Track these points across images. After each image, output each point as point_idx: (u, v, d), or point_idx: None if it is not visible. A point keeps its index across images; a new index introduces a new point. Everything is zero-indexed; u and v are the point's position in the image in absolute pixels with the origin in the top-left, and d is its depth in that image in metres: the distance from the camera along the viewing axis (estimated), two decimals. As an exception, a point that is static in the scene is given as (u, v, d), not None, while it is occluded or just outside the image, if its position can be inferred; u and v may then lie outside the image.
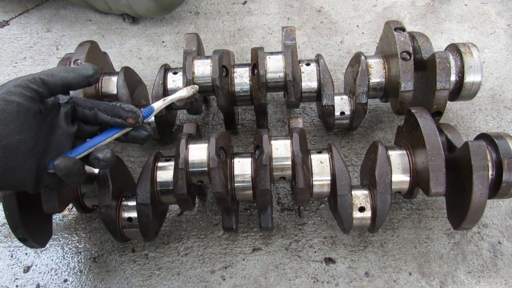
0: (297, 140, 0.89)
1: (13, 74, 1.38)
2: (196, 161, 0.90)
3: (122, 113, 0.78)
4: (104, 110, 0.78)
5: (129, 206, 0.95)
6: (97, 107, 0.78)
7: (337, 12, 1.48)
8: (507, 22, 1.42)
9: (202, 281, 1.02)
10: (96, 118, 0.78)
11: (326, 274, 1.02)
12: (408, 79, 0.99)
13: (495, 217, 1.07)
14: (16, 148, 0.67)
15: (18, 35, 1.48)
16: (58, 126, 0.74)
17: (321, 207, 1.10)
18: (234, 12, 1.50)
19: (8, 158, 0.66)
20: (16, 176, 0.68)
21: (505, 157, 0.83)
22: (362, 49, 1.37)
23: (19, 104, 0.67)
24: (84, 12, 1.52)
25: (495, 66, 1.32)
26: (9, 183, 0.68)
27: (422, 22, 1.43)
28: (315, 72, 1.07)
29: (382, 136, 1.21)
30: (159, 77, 1.08)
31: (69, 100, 0.77)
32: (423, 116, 0.88)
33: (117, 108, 0.78)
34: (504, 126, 1.21)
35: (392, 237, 1.05)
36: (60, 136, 0.75)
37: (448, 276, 1.00)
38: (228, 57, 1.08)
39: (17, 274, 1.05)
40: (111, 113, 0.78)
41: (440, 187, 0.81)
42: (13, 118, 0.66)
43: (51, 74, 0.72)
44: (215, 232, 1.08)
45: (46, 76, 0.71)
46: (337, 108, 1.08)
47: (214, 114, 1.28)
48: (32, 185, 0.72)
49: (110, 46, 1.43)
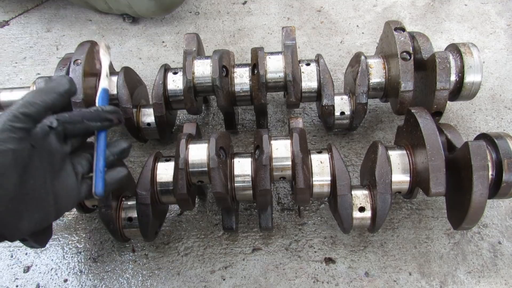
0: (297, 140, 0.89)
1: (13, 74, 1.38)
2: (196, 161, 0.90)
3: (108, 116, 0.78)
4: (92, 119, 0.77)
5: (129, 206, 0.95)
6: (84, 118, 0.76)
7: (337, 12, 1.48)
8: (507, 22, 1.42)
9: (202, 281, 1.02)
10: (87, 129, 0.77)
11: (326, 274, 1.02)
12: (408, 79, 0.99)
13: (495, 217, 1.07)
14: (26, 194, 0.65)
15: (18, 35, 1.48)
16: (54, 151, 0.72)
17: (321, 207, 1.10)
18: (234, 12, 1.50)
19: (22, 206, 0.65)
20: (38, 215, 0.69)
21: (505, 157, 0.83)
22: (362, 49, 1.37)
23: (14, 151, 0.63)
24: (84, 12, 1.52)
25: (495, 66, 1.32)
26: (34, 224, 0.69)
27: (422, 22, 1.43)
28: (315, 72, 1.07)
29: (382, 136, 1.21)
30: (159, 77, 1.08)
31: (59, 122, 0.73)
32: (423, 116, 0.88)
33: (102, 113, 0.78)
34: (504, 126, 1.21)
35: (392, 237, 1.05)
36: (59, 161, 0.73)
37: (448, 276, 1.00)
38: (228, 57, 1.08)
39: (17, 274, 1.05)
40: (99, 119, 0.78)
41: (440, 187, 0.81)
42: (12, 168, 0.63)
43: (30, 103, 0.67)
44: (215, 232, 1.08)
45: (26, 107, 0.66)
46: (337, 108, 1.08)
47: (214, 114, 1.28)
48: (54, 215, 0.72)
49: (110, 46, 1.43)
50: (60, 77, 0.76)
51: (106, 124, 0.79)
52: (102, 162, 0.79)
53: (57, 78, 0.79)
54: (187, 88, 1.04)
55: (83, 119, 0.76)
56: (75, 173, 0.76)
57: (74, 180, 0.75)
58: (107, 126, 0.79)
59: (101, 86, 0.86)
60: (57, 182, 0.72)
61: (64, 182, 0.73)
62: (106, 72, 0.89)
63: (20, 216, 0.66)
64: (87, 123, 0.76)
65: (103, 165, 0.79)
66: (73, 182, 0.75)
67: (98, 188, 0.77)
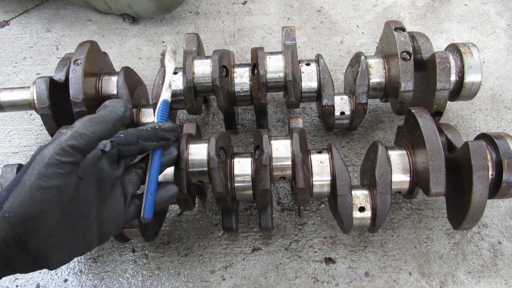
0: (297, 140, 0.89)
1: (13, 74, 1.38)
2: (196, 161, 0.90)
3: (166, 135, 0.73)
4: (148, 139, 0.71)
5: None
6: (140, 138, 0.70)
7: (337, 12, 1.48)
8: (507, 22, 1.42)
9: (202, 281, 1.02)
10: (143, 150, 0.72)
11: (326, 274, 1.02)
12: (408, 79, 0.99)
13: (495, 217, 1.07)
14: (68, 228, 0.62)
15: (18, 35, 1.48)
16: (104, 177, 0.66)
17: (321, 207, 1.10)
18: (234, 12, 1.50)
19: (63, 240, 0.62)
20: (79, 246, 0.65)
21: (505, 157, 0.83)
22: (362, 49, 1.37)
23: (58, 188, 0.58)
24: (84, 12, 1.52)
25: (495, 66, 1.32)
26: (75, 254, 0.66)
27: (422, 22, 1.43)
28: (315, 72, 1.07)
29: (382, 136, 1.21)
30: (159, 77, 1.07)
31: (112, 145, 0.68)
32: (423, 116, 0.88)
33: (160, 131, 0.73)
34: (504, 126, 1.21)
35: (392, 237, 1.05)
36: (109, 186, 0.67)
37: (448, 276, 1.00)
38: (228, 57, 1.08)
39: (17, 274, 1.04)
40: (156, 139, 0.72)
41: (440, 187, 0.81)
42: (56, 205, 0.58)
43: (80, 134, 0.61)
44: (215, 232, 1.08)
45: (75, 139, 0.60)
46: (337, 108, 1.08)
47: (214, 114, 1.28)
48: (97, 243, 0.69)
49: (110, 46, 1.43)
50: (115, 102, 0.70)
51: (163, 144, 0.73)
52: (155, 184, 0.72)
53: (111, 103, 0.69)
54: (187, 88, 1.04)
55: (138, 139, 0.70)
56: (124, 194, 0.71)
57: (122, 204, 0.70)
58: (164, 146, 0.74)
59: (162, 97, 0.77)
60: (104, 208, 0.67)
61: (111, 208, 0.68)
62: (169, 81, 0.79)
63: (62, 249, 0.62)
64: (142, 143, 0.71)
65: (155, 188, 0.72)
66: (121, 207, 0.70)
67: (147, 213, 0.71)
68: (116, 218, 0.69)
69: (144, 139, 0.71)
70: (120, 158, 0.70)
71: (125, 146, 0.69)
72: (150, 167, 0.73)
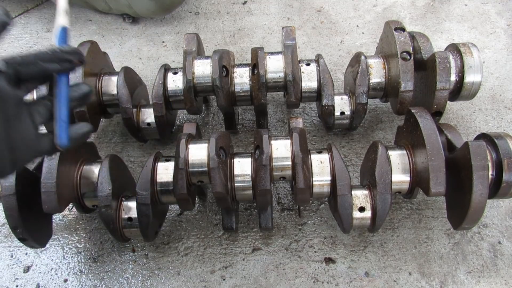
0: (297, 140, 0.89)
1: (13, 74, 1.38)
2: (196, 161, 0.90)
3: (67, 57, 0.71)
4: (48, 60, 0.69)
5: (129, 206, 0.95)
6: (39, 59, 0.68)
7: (337, 12, 1.48)
8: (507, 22, 1.42)
9: (202, 281, 1.02)
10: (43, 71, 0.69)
11: (326, 274, 1.02)
12: (408, 79, 0.99)
13: (495, 217, 1.07)
14: None
15: (18, 35, 1.48)
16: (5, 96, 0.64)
17: (321, 207, 1.10)
18: (234, 12, 1.50)
19: None
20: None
21: (505, 157, 0.83)
22: (362, 49, 1.37)
23: None
24: (84, 12, 1.52)
25: (495, 66, 1.32)
26: None
27: (422, 22, 1.43)
28: (315, 72, 1.07)
29: (382, 136, 1.21)
30: (159, 77, 1.08)
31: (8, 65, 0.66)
32: (423, 116, 0.88)
33: (61, 54, 0.70)
34: (504, 126, 1.21)
35: (392, 237, 1.05)
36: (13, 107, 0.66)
37: (448, 276, 1.00)
38: (228, 57, 1.08)
39: (17, 274, 1.04)
40: (57, 60, 0.70)
41: (440, 187, 0.81)
42: None
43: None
44: (215, 232, 1.08)
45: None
46: (337, 108, 1.08)
47: (214, 114, 1.28)
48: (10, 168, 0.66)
49: (110, 46, 1.43)
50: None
51: (66, 66, 0.71)
52: (65, 111, 0.70)
53: None
54: (187, 88, 1.04)
55: (37, 60, 0.68)
56: (32, 122, 0.69)
57: (32, 130, 0.68)
58: (67, 68, 0.71)
59: (58, 23, 0.75)
60: (12, 132, 0.66)
61: (20, 131, 0.67)
62: (64, 7, 0.76)
63: None
64: (42, 64, 0.69)
65: (66, 114, 0.70)
66: (31, 133, 0.68)
67: (61, 139, 0.69)
68: (27, 144, 0.68)
69: (43, 60, 0.69)
70: (21, 81, 0.69)
71: (22, 67, 0.68)
72: (57, 92, 0.71)
